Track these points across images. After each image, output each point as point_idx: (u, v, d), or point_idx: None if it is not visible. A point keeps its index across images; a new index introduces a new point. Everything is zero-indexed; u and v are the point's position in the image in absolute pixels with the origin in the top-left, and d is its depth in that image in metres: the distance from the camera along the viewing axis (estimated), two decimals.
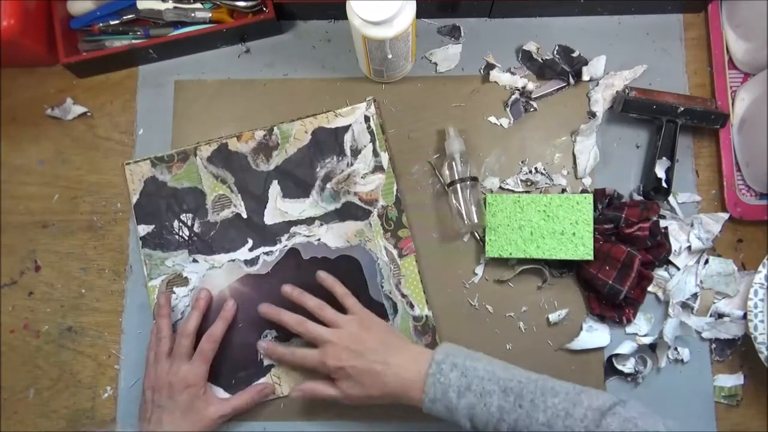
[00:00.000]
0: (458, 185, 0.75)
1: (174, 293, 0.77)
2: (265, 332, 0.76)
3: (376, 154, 0.78)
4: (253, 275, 0.77)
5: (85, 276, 0.79)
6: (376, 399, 0.66)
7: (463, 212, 0.75)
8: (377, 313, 0.74)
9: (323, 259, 0.77)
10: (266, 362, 0.75)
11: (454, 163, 0.76)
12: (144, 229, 0.78)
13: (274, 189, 0.78)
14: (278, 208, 0.78)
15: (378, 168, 0.78)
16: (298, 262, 0.77)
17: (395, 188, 0.78)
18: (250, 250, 0.78)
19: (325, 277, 0.74)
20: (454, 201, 0.75)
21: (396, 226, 0.77)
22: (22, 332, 0.78)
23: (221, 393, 0.75)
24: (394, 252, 0.77)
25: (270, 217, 0.78)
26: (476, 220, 0.74)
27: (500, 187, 0.79)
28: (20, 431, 0.77)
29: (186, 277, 0.77)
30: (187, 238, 0.78)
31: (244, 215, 0.78)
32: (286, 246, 0.78)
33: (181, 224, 0.78)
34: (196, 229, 0.78)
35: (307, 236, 0.78)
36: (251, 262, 0.77)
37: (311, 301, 0.72)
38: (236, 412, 0.72)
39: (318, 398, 0.70)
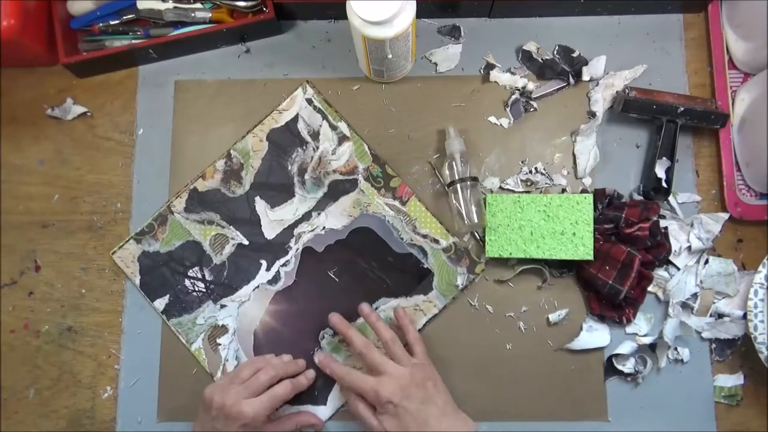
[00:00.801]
0: (458, 185, 0.75)
1: (219, 344, 0.76)
2: (321, 333, 0.76)
3: (333, 127, 0.79)
4: (282, 291, 0.77)
5: (85, 276, 0.79)
6: None
7: (463, 212, 0.75)
8: (409, 263, 0.76)
9: (336, 243, 0.78)
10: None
11: (454, 163, 0.76)
12: (161, 303, 0.77)
13: (260, 205, 0.79)
14: (272, 219, 0.78)
15: (342, 138, 0.79)
16: (317, 258, 0.78)
17: (366, 148, 0.79)
18: (267, 269, 0.78)
19: (402, 315, 0.74)
20: (454, 201, 0.75)
21: (385, 180, 0.78)
22: (22, 332, 0.78)
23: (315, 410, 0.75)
24: (396, 203, 0.78)
25: (270, 232, 0.78)
26: (476, 220, 0.74)
27: (500, 187, 0.79)
28: (20, 431, 0.77)
29: (223, 325, 0.77)
30: (204, 290, 0.77)
31: (246, 242, 0.78)
32: (297, 249, 0.78)
33: (192, 281, 0.78)
34: (208, 277, 0.78)
35: (312, 230, 0.78)
36: (274, 280, 0.78)
37: (386, 333, 0.71)
38: None
39: (355, 417, 0.70)
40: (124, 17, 0.80)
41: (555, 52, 0.81)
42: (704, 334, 0.75)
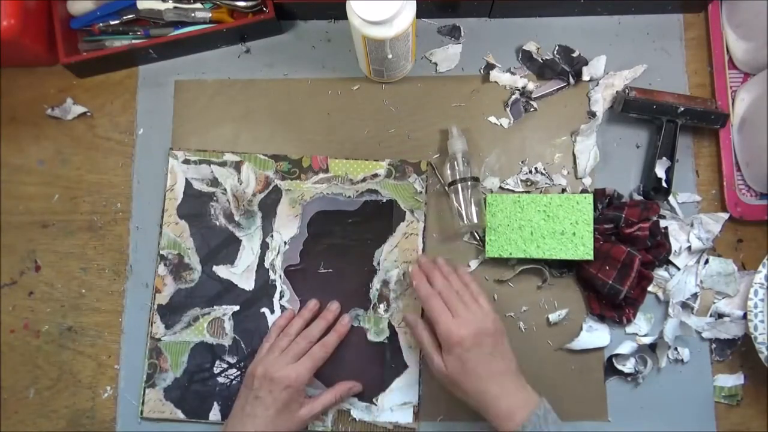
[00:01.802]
0: (459, 185, 0.75)
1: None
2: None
3: (222, 164, 0.79)
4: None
5: (85, 276, 0.79)
6: (463, 394, 0.66)
7: (463, 212, 0.75)
8: (371, 209, 0.78)
9: (304, 244, 0.78)
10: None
11: (456, 163, 0.76)
12: (216, 414, 0.75)
13: (221, 271, 0.77)
14: (240, 273, 0.77)
15: (237, 165, 0.79)
16: (301, 270, 0.77)
17: (260, 156, 0.79)
18: (272, 312, 0.77)
19: (463, 272, 0.73)
20: (454, 201, 0.75)
21: (297, 166, 0.78)
22: (22, 332, 0.78)
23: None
24: (320, 176, 0.78)
25: (248, 283, 0.77)
26: (476, 221, 0.74)
27: (500, 187, 0.79)
28: (20, 431, 0.77)
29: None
30: (238, 371, 0.76)
31: (236, 307, 0.77)
32: (281, 276, 0.77)
33: (224, 375, 0.76)
34: (232, 360, 0.76)
35: (278, 253, 0.77)
36: (282, 312, 0.77)
37: (465, 276, 0.71)
38: (325, 410, 0.73)
39: (418, 344, 0.70)
40: (124, 17, 0.80)
41: (555, 52, 0.81)
42: (704, 334, 0.75)
